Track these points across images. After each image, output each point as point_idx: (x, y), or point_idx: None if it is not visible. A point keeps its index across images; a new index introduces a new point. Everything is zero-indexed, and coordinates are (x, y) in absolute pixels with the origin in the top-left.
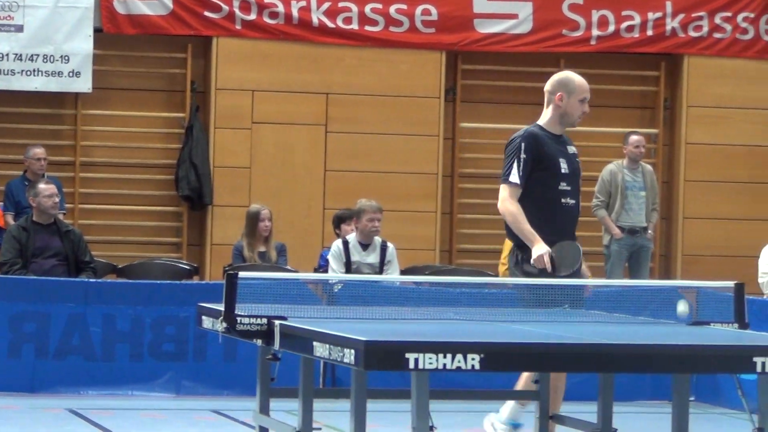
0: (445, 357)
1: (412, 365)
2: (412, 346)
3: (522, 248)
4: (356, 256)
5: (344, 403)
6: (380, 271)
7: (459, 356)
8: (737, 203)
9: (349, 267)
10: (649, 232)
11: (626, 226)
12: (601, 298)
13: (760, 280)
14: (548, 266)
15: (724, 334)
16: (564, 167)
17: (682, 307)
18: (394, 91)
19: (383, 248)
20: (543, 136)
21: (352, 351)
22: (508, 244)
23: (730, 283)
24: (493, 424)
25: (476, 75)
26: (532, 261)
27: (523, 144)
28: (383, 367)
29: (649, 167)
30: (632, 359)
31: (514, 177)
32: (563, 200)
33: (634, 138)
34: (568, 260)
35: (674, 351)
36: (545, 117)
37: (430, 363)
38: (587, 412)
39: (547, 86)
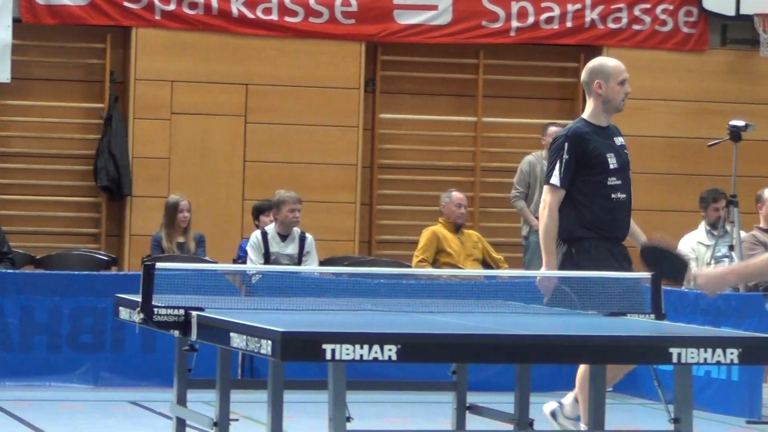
0: (362, 348)
1: (329, 356)
2: (329, 336)
3: (572, 242)
4: (275, 246)
5: (262, 394)
6: (299, 262)
7: (376, 347)
8: (656, 194)
9: (267, 258)
10: None
11: None
12: (520, 289)
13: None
14: (546, 296)
15: (640, 325)
16: (612, 162)
17: None
18: (313, 82)
19: (302, 239)
20: (588, 132)
21: (269, 342)
22: (424, 235)
23: (647, 274)
24: (555, 414)
25: (396, 66)
26: (536, 282)
27: (566, 144)
28: (300, 357)
29: None
30: (548, 350)
31: (555, 179)
32: (614, 195)
33: (552, 129)
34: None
35: (590, 342)
36: (588, 109)
37: (347, 354)
38: (505, 402)
39: (583, 77)
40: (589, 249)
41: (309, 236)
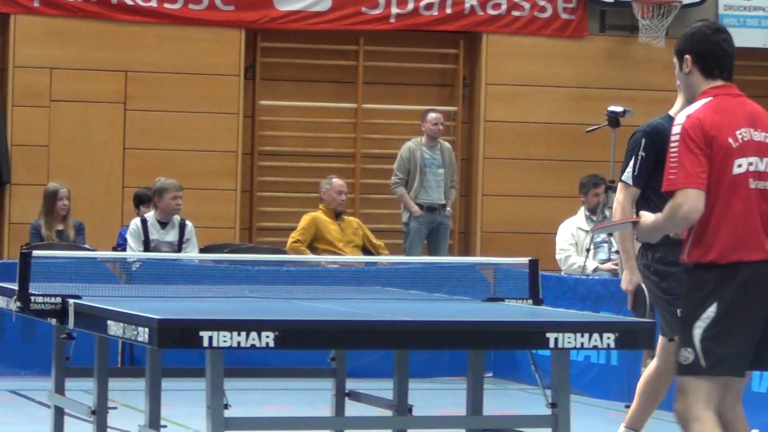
0: (239, 335)
1: (206, 343)
2: (206, 324)
3: (650, 248)
4: (155, 234)
5: (141, 382)
6: (179, 250)
7: (253, 334)
8: (536, 180)
9: (147, 245)
10: (448, 209)
11: (425, 203)
12: (400, 275)
13: (557, 257)
14: (630, 303)
15: (518, 310)
16: None
17: None
18: (193, 68)
19: (182, 226)
20: (669, 129)
21: (146, 329)
22: (304, 219)
23: (525, 260)
24: None
25: (276, 53)
26: (622, 286)
27: (643, 140)
28: (177, 345)
29: (447, 145)
30: (426, 336)
31: (627, 176)
32: None
33: (432, 116)
34: (642, 307)
35: (468, 327)
36: (677, 106)
37: (224, 341)
38: (384, 389)
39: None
40: (665, 256)
41: (189, 223)
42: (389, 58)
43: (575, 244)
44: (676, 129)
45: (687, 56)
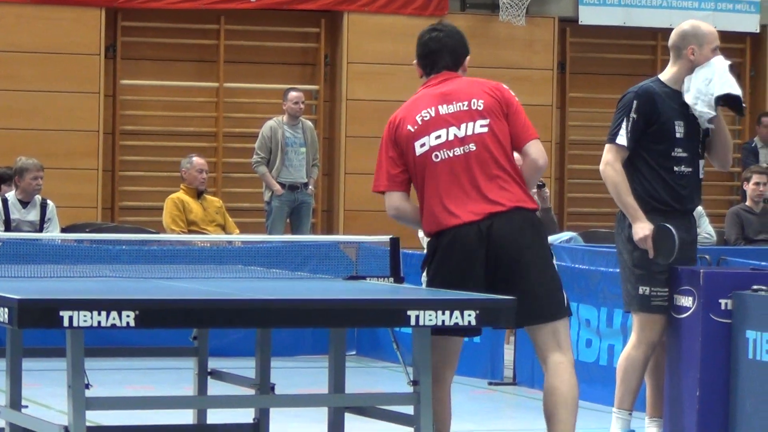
0: (99, 314)
1: (66, 323)
2: (66, 303)
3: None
4: (16, 214)
5: (2, 363)
6: (40, 229)
7: (114, 313)
8: None
9: (8, 225)
10: (310, 187)
11: (287, 182)
12: (262, 254)
13: (419, 234)
14: (650, 250)
15: (378, 288)
16: (679, 131)
17: None
18: (54, 48)
19: (43, 206)
20: (661, 93)
21: (6, 309)
22: (167, 206)
23: (386, 238)
24: None
25: (137, 32)
26: (635, 239)
27: (635, 102)
28: (37, 325)
29: (309, 123)
30: (287, 314)
31: (622, 138)
32: (676, 168)
33: (293, 94)
34: (665, 249)
35: (328, 306)
36: (669, 72)
37: (85, 320)
38: (247, 367)
39: (674, 39)
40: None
41: (50, 203)
42: (250, 37)
43: None
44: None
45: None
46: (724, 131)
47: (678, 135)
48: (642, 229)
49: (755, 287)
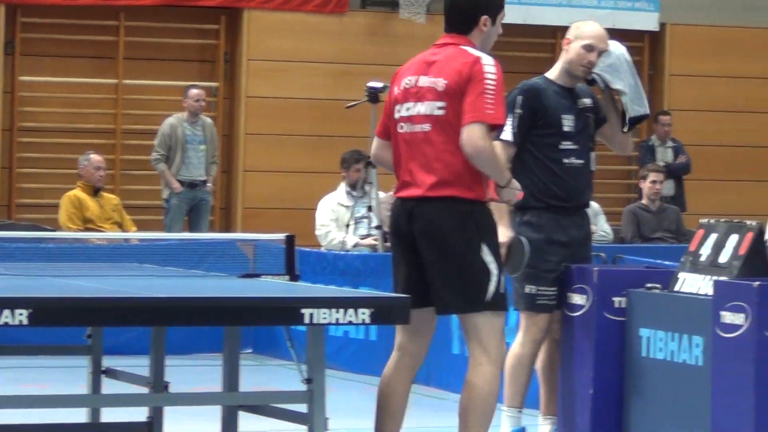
0: None
1: None
2: None
3: (524, 210)
4: None
5: None
6: None
7: (6, 311)
8: (297, 156)
9: None
10: (209, 185)
11: (186, 179)
12: (159, 251)
13: (317, 232)
14: (503, 257)
15: (273, 286)
16: (568, 125)
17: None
18: None
19: None
20: (547, 88)
21: None
22: (64, 204)
23: (282, 236)
24: None
25: (36, 28)
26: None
27: (520, 98)
28: None
29: (209, 120)
30: (181, 312)
31: (507, 134)
32: (566, 160)
33: (193, 92)
34: (515, 262)
35: (222, 304)
36: (555, 68)
37: None
38: (142, 366)
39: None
40: (531, 220)
41: None
42: (150, 34)
43: (336, 220)
44: None
45: None
46: (619, 116)
47: (566, 129)
48: (502, 235)
49: (649, 285)
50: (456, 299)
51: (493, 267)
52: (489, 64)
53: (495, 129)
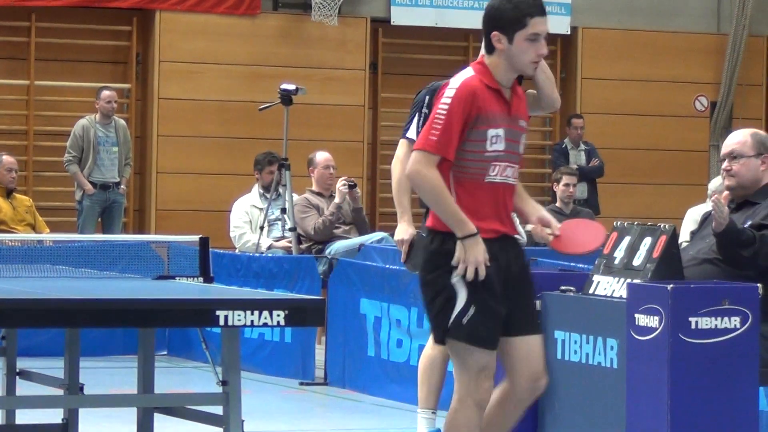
0: None
1: None
2: None
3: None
4: None
5: None
6: None
7: None
8: (210, 158)
9: None
10: (122, 186)
11: (99, 181)
12: (72, 253)
13: (231, 234)
14: (403, 254)
15: (187, 288)
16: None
17: None
18: None
19: None
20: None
21: None
22: None
23: (196, 237)
24: None
25: None
26: (395, 237)
27: (426, 98)
28: None
29: (122, 122)
30: (94, 314)
31: (412, 133)
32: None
33: (106, 93)
34: (416, 258)
35: (136, 305)
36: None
37: None
38: (57, 367)
39: None
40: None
41: None
42: (62, 35)
43: (249, 222)
44: None
45: None
46: (544, 72)
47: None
48: (403, 231)
49: (563, 288)
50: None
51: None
52: (451, 88)
53: (445, 159)
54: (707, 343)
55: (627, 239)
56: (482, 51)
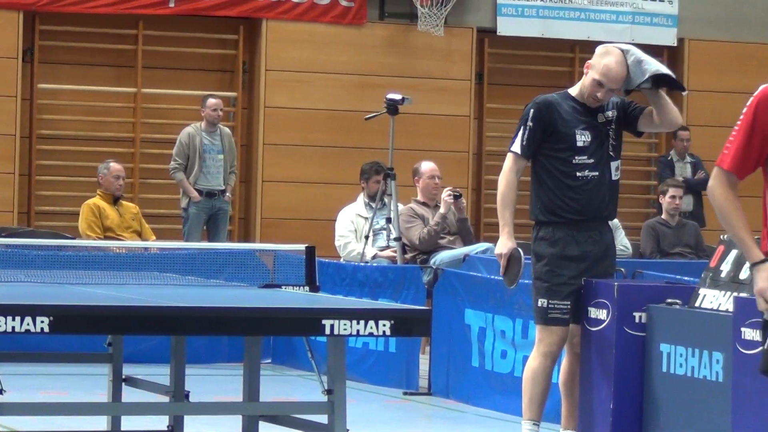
0: (13, 319)
1: None
2: None
3: (540, 225)
4: None
5: None
6: None
7: (28, 319)
8: (316, 167)
9: None
10: (227, 194)
11: (204, 189)
12: (178, 261)
13: (336, 243)
14: (502, 268)
15: (294, 297)
16: (582, 140)
17: None
18: None
19: None
20: (562, 103)
21: None
22: (83, 212)
23: (302, 246)
24: None
25: (55, 36)
26: (495, 251)
27: (532, 111)
28: None
29: (227, 130)
30: (201, 322)
31: (516, 146)
32: (579, 173)
33: (211, 101)
34: (511, 274)
35: (243, 314)
36: (577, 86)
37: None
38: (162, 374)
39: None
40: (545, 235)
41: None
42: (169, 43)
43: (355, 231)
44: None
45: None
46: (663, 97)
47: (580, 143)
48: (503, 245)
49: (669, 300)
50: None
51: None
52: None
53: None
54: None
55: (733, 252)
56: None
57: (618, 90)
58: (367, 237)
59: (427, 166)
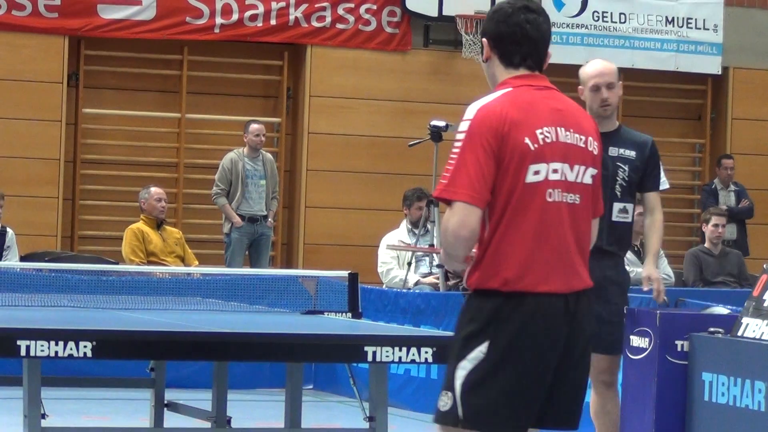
0: (57, 344)
1: (23, 352)
2: (23, 332)
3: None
4: None
5: None
6: None
7: (71, 343)
8: (359, 193)
9: None
10: (270, 220)
11: (246, 214)
12: (221, 286)
13: (379, 270)
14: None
15: (336, 323)
16: None
17: None
18: (16, 75)
19: (2, 234)
20: None
21: None
22: (127, 236)
23: (345, 273)
24: None
25: (100, 61)
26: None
27: None
28: None
29: (269, 156)
30: (244, 348)
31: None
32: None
33: (254, 126)
34: None
35: (286, 340)
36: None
37: (42, 350)
38: (204, 399)
39: None
40: None
41: (10, 231)
42: (213, 69)
43: (397, 257)
44: (463, 125)
45: (484, 39)
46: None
47: None
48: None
49: (712, 329)
50: None
51: None
52: None
53: None
54: None
55: None
56: None
57: (618, 81)
58: (409, 263)
59: None
